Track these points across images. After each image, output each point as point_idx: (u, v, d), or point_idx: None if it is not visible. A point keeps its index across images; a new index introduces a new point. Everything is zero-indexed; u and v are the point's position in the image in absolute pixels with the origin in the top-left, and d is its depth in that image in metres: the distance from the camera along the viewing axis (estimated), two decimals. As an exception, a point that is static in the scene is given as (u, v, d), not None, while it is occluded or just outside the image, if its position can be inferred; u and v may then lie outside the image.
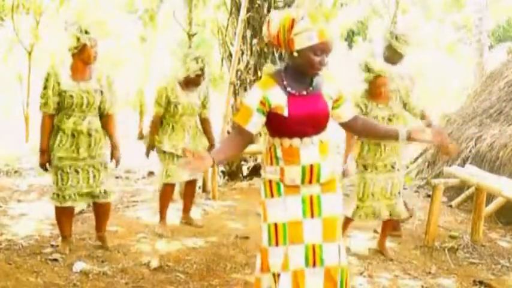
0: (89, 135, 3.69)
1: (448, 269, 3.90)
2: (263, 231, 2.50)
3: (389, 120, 3.92)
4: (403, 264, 3.95)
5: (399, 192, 3.99)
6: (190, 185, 4.73)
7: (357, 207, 3.98)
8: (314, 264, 2.44)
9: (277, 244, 2.45)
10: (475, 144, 6.22)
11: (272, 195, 2.49)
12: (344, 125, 2.60)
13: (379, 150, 3.90)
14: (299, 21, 2.35)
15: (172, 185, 4.56)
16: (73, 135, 3.66)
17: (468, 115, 7.19)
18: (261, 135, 5.62)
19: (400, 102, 3.96)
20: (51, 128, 3.69)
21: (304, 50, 2.34)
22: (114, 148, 3.87)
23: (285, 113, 2.38)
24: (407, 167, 7.41)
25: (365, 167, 3.94)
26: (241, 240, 4.37)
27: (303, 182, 2.45)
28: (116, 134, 3.89)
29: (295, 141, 2.42)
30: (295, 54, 2.37)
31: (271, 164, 2.49)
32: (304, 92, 2.42)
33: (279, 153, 2.45)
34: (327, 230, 2.47)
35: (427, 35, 17.60)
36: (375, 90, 3.87)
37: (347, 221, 4.10)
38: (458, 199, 5.96)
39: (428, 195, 5.64)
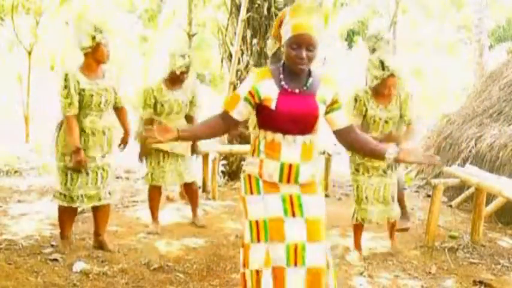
0: (103, 132, 3.74)
1: (448, 269, 3.90)
2: (245, 228, 2.50)
3: (386, 122, 3.87)
4: (403, 264, 3.95)
5: (393, 197, 3.96)
6: (188, 186, 4.74)
7: (354, 210, 3.97)
8: (295, 264, 2.40)
9: (258, 240, 2.44)
10: (475, 144, 6.23)
11: (252, 192, 2.49)
12: (336, 133, 2.55)
13: None
14: (286, 16, 2.40)
15: (159, 187, 4.59)
16: (93, 134, 3.69)
17: (468, 115, 7.19)
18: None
19: (398, 106, 3.91)
20: (77, 127, 3.66)
21: (284, 44, 2.39)
22: (126, 133, 4.05)
23: (272, 106, 2.38)
24: (407, 167, 7.41)
25: (357, 169, 3.91)
26: (241, 240, 4.36)
27: (280, 180, 2.44)
28: (127, 123, 4.06)
29: (278, 136, 2.42)
30: (282, 49, 2.43)
31: (253, 155, 2.50)
32: (297, 90, 2.41)
33: (262, 146, 2.46)
34: (311, 230, 2.44)
35: (427, 35, 17.61)
36: (383, 89, 3.77)
37: (356, 227, 4.06)
38: (458, 199, 5.96)
39: (428, 195, 5.65)
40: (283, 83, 2.40)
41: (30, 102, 9.83)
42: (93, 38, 3.57)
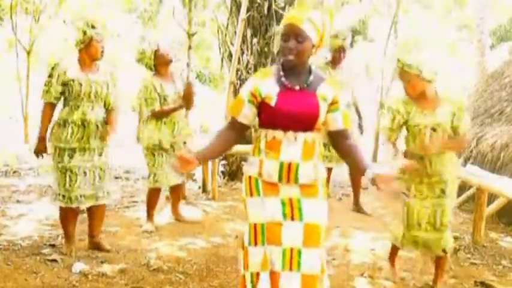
0: (96, 126, 3.73)
1: (449, 270, 3.90)
2: (246, 230, 2.51)
3: (433, 130, 3.26)
4: (404, 265, 3.95)
5: (449, 222, 3.43)
6: (178, 184, 4.79)
7: (403, 236, 3.44)
8: (290, 268, 2.40)
9: (256, 244, 2.44)
10: (477, 144, 6.23)
11: (251, 194, 2.49)
12: (329, 135, 2.54)
13: (424, 166, 3.27)
14: None
15: (159, 189, 4.65)
16: (83, 125, 3.67)
17: (469, 115, 7.19)
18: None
19: (450, 113, 3.28)
20: (51, 117, 3.71)
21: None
22: (108, 127, 3.76)
23: (272, 103, 2.39)
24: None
25: (408, 189, 3.35)
26: (241, 240, 4.36)
27: (280, 179, 2.43)
28: (115, 124, 3.85)
29: (278, 133, 2.41)
30: None
31: (254, 154, 2.51)
32: (297, 87, 2.42)
33: (262, 145, 2.46)
34: (308, 235, 2.42)
35: (428, 34, 17.62)
36: (408, 91, 3.29)
37: (394, 249, 3.64)
38: (459, 199, 5.96)
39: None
40: (283, 79, 2.42)
41: (30, 102, 9.85)
42: (85, 32, 3.60)
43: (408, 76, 3.21)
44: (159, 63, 4.52)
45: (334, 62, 5.40)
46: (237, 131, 2.51)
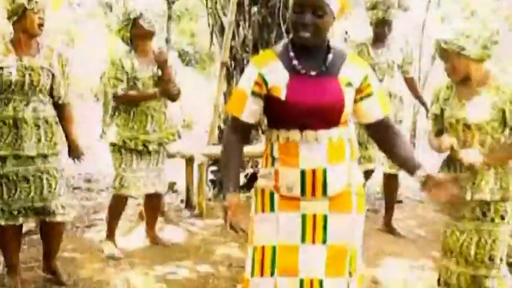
0: (36, 126, 3.67)
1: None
2: (247, 257, 2.49)
3: (468, 128, 3.12)
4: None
5: (498, 260, 3.13)
6: (154, 197, 4.82)
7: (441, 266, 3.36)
8: None
9: (262, 274, 2.42)
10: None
11: (263, 210, 2.48)
12: (367, 128, 2.54)
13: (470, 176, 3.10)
14: None
15: (126, 198, 4.63)
16: (15, 126, 3.61)
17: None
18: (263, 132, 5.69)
19: (496, 106, 3.06)
20: None
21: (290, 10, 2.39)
22: (71, 146, 3.87)
23: (282, 96, 2.35)
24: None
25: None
26: (236, 270, 4.38)
27: (303, 193, 2.39)
28: (73, 128, 3.89)
29: (294, 134, 2.37)
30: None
31: (266, 165, 2.49)
32: (313, 72, 2.37)
33: (275, 151, 2.43)
34: (332, 261, 2.42)
35: (480, 1, 17.70)
36: (449, 75, 3.15)
37: None
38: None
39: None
40: (295, 62, 2.37)
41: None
42: (14, 1, 3.55)
43: (448, 54, 3.07)
44: (137, 36, 4.48)
45: (377, 40, 5.19)
46: (242, 133, 2.51)
